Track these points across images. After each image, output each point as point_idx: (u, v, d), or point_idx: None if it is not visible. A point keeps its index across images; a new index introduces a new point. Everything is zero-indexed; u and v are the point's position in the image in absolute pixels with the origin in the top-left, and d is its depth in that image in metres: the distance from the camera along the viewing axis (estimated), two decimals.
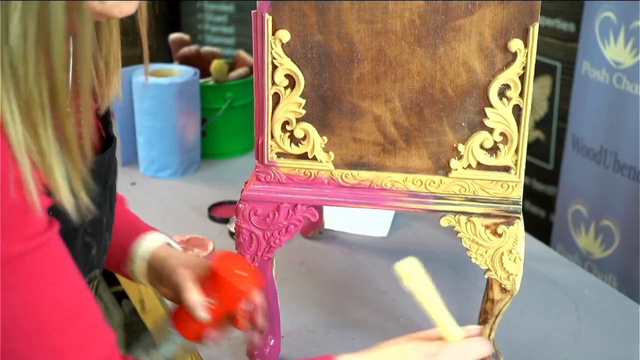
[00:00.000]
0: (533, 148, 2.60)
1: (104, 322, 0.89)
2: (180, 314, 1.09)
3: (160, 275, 1.14)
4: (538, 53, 1.11)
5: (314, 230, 1.70)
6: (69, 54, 0.84)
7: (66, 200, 0.82)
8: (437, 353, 0.98)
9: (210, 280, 1.08)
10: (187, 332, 1.08)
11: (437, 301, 1.00)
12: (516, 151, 1.13)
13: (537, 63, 1.11)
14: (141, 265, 1.16)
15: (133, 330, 2.10)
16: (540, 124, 2.60)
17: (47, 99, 0.80)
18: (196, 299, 1.07)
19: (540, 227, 2.60)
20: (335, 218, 1.75)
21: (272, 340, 1.30)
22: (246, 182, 1.21)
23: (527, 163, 2.68)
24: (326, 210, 1.71)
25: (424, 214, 1.19)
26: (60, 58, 0.79)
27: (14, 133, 0.78)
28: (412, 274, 0.99)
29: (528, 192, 2.69)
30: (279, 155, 1.17)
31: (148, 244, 1.16)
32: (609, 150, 2.24)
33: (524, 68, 1.09)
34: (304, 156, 1.16)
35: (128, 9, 0.87)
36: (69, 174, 0.83)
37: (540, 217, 2.69)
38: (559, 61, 2.49)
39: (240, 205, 1.19)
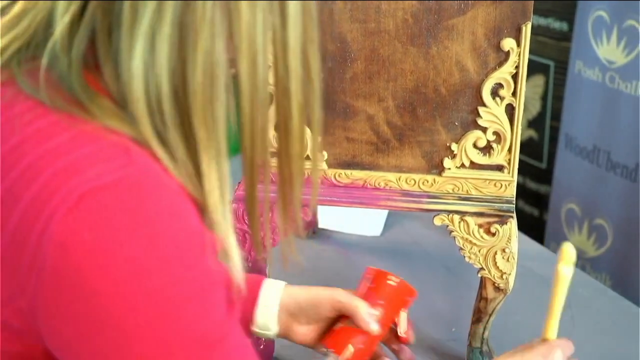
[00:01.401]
0: (526, 147, 2.61)
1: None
2: (341, 334, 1.06)
3: (297, 313, 1.09)
4: (531, 52, 1.12)
5: (308, 229, 1.71)
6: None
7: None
8: (550, 353, 1.01)
9: (372, 293, 1.08)
10: (351, 348, 1.05)
11: (563, 299, 1.03)
12: (509, 150, 1.14)
13: (530, 62, 1.11)
14: (270, 313, 1.08)
15: None
16: (534, 123, 2.61)
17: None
18: (367, 311, 1.04)
19: (533, 226, 2.61)
20: (329, 217, 1.75)
21: (266, 340, 1.30)
22: (239, 183, 1.21)
23: (520, 162, 2.68)
24: (320, 209, 1.71)
25: (418, 213, 1.19)
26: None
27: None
28: (572, 260, 1.02)
29: (521, 191, 2.70)
30: (271, 155, 1.17)
31: (268, 290, 1.09)
32: (602, 149, 2.25)
33: (517, 67, 1.10)
34: None
35: None
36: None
37: (534, 216, 2.70)
38: (552, 60, 2.50)
39: (233, 205, 1.19)
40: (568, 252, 1.02)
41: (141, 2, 0.64)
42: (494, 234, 1.15)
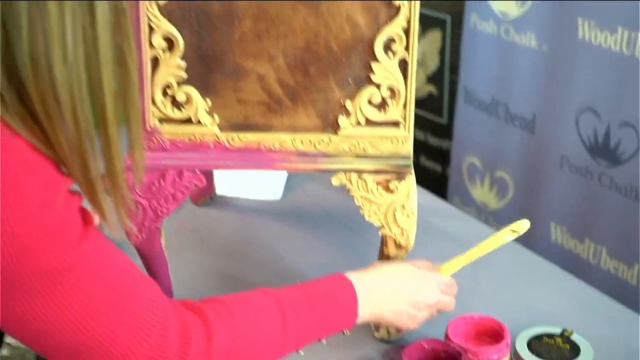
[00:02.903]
0: (426, 102, 2.63)
1: (158, 292, 0.91)
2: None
3: None
4: (427, 7, 1.13)
5: (205, 196, 1.69)
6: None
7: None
8: (433, 278, 1.17)
9: None
10: None
11: (480, 253, 1.21)
12: (404, 106, 1.14)
13: (427, 17, 1.12)
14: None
15: None
16: (432, 78, 2.64)
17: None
18: None
19: (436, 181, 2.65)
20: (227, 183, 1.73)
21: None
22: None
23: (421, 118, 2.72)
24: (217, 175, 1.69)
25: (316, 174, 1.19)
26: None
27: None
28: (518, 231, 1.17)
29: (423, 147, 2.74)
30: (161, 120, 1.15)
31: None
32: (500, 102, 2.29)
33: (409, 22, 1.10)
34: (187, 121, 1.15)
35: None
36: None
37: (436, 171, 2.74)
38: (449, 14, 2.52)
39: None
40: (522, 224, 1.16)
41: None
42: (392, 191, 1.16)
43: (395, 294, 1.12)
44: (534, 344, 1.18)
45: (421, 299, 1.14)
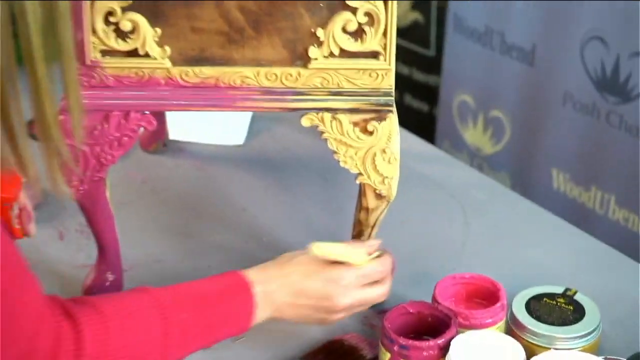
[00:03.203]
0: (411, 32, 2.62)
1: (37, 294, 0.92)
2: None
3: None
4: None
5: (157, 142, 1.68)
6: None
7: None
8: (341, 278, 1.14)
9: None
10: None
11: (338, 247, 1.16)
12: (384, 34, 1.13)
13: None
14: None
15: None
16: (418, 4, 2.62)
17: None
18: None
19: (423, 122, 2.65)
20: (181, 126, 1.73)
21: (112, 276, 1.28)
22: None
23: (405, 50, 2.72)
24: (169, 117, 1.68)
25: (284, 114, 1.19)
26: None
27: None
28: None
29: (408, 83, 2.73)
30: (103, 53, 1.13)
31: None
32: (495, 30, 2.28)
33: None
34: (134, 53, 1.13)
35: None
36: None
37: (422, 111, 2.74)
38: None
39: (60, 117, 1.15)
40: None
41: None
42: (371, 133, 1.15)
43: (298, 299, 1.13)
44: (533, 305, 1.19)
45: (328, 304, 1.14)
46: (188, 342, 1.04)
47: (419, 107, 2.76)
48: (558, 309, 1.18)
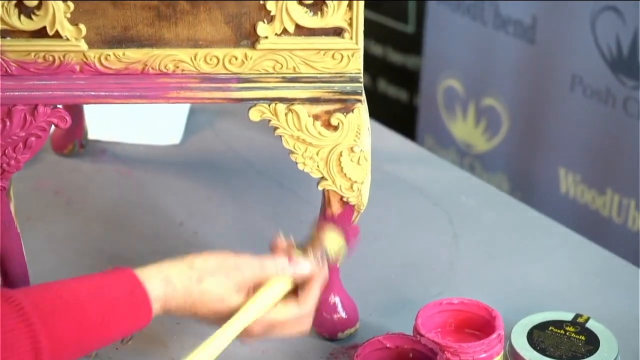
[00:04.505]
0: (384, 3, 2.64)
1: None
2: None
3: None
4: None
5: (72, 143, 1.69)
6: None
7: None
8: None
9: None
10: None
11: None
12: (350, 6, 1.14)
13: None
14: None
15: None
16: None
17: None
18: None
19: (400, 114, 2.67)
20: (103, 123, 1.73)
21: None
22: None
23: (377, 25, 2.73)
24: (87, 112, 1.68)
25: (228, 106, 1.19)
26: None
27: None
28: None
29: (381, 66, 2.75)
30: (3, 34, 1.13)
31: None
32: (487, 0, 2.30)
33: None
34: (41, 33, 1.13)
35: None
36: None
37: (400, 100, 2.76)
38: None
39: None
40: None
41: None
42: (335, 128, 1.16)
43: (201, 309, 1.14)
44: (536, 336, 1.20)
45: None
46: (63, 348, 1.04)
47: (396, 95, 2.77)
48: (567, 340, 1.20)
